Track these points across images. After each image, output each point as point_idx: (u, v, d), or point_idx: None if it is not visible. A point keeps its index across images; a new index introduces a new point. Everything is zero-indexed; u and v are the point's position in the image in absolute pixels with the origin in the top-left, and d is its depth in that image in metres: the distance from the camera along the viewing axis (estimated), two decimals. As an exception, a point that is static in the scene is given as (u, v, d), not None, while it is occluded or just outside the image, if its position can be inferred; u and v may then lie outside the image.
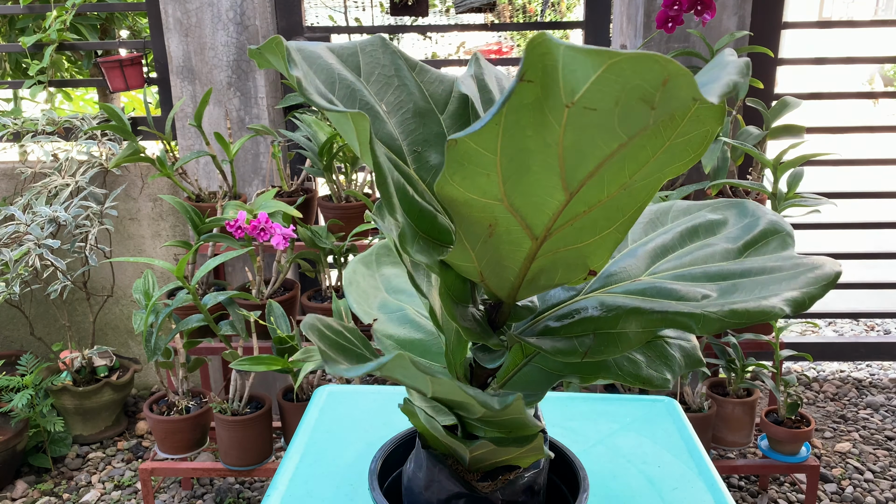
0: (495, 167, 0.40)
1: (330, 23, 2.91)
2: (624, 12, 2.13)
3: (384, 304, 0.63)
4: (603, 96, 0.35)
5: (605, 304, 0.52)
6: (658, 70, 0.33)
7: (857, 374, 2.53)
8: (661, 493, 0.78)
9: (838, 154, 1.84)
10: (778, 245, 0.55)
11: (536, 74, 0.35)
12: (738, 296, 0.49)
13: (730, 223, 0.58)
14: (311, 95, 0.42)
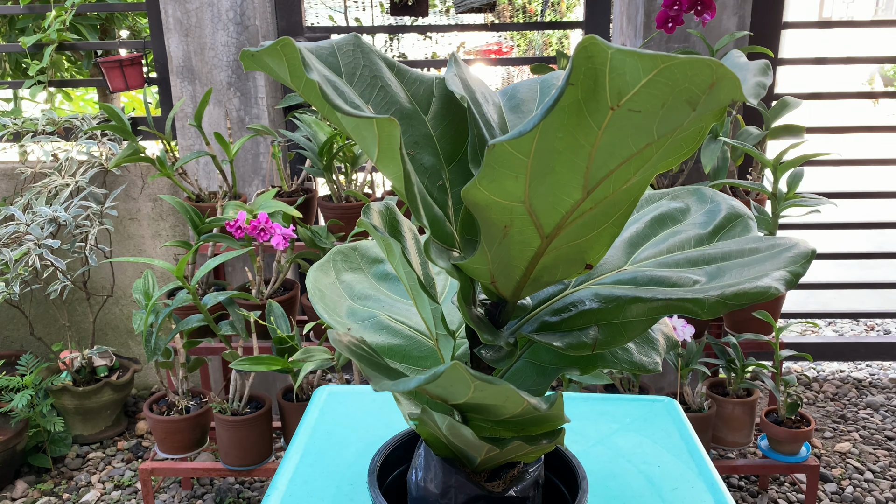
0: (525, 170, 0.41)
1: (330, 23, 2.91)
2: (624, 12, 2.13)
3: (352, 311, 0.62)
4: (650, 99, 0.36)
5: (602, 295, 0.52)
6: (708, 74, 0.34)
7: (857, 374, 2.53)
8: (661, 493, 0.78)
9: (838, 154, 1.84)
10: (742, 229, 0.58)
11: (579, 77, 0.35)
12: (728, 278, 0.50)
13: (693, 210, 0.60)
14: (334, 100, 0.41)
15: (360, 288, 0.64)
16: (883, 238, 3.69)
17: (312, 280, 0.62)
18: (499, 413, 0.51)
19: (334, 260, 0.65)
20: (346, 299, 0.63)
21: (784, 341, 1.81)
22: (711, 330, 1.95)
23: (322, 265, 0.64)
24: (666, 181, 1.94)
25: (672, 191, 0.63)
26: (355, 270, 0.66)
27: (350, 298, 0.63)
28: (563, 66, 1.84)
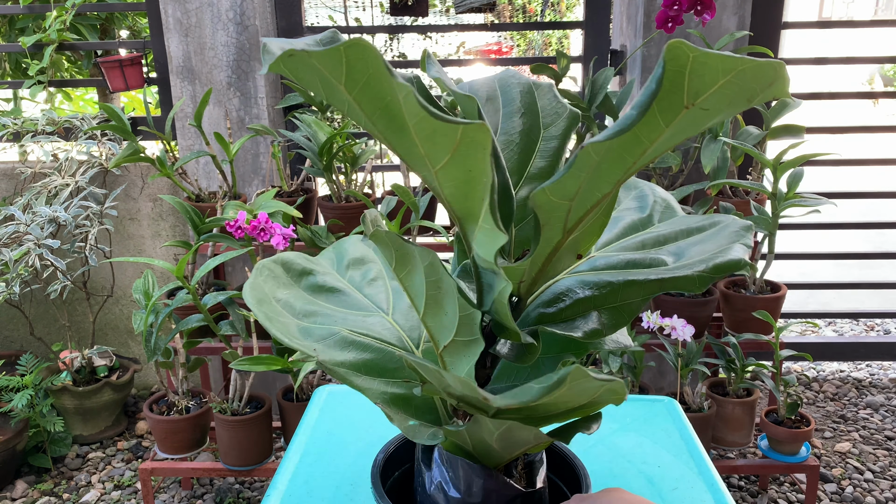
0: (590, 169, 0.42)
1: (330, 23, 2.91)
2: (624, 12, 2.13)
3: (306, 331, 0.59)
4: (721, 99, 0.37)
5: (592, 282, 0.54)
6: (772, 74, 0.36)
7: (856, 374, 2.53)
8: (661, 493, 0.78)
9: (838, 154, 1.84)
10: (670, 211, 0.62)
11: (666, 79, 0.37)
12: (695, 255, 0.53)
13: (621, 197, 0.64)
14: (428, 107, 0.40)
15: (301, 305, 0.60)
16: (883, 238, 3.69)
17: (255, 304, 0.57)
18: (559, 408, 0.52)
19: (263, 278, 0.60)
20: (292, 318, 0.59)
21: (784, 341, 1.81)
22: (711, 330, 1.95)
23: (253, 286, 0.59)
24: (666, 181, 1.94)
25: None
26: (286, 287, 0.61)
27: (295, 317, 0.59)
28: (563, 66, 1.84)
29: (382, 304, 0.64)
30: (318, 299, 0.62)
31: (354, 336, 0.60)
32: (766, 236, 1.72)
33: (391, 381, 0.59)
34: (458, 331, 0.53)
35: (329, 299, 0.63)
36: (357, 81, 0.40)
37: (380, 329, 0.62)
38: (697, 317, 1.73)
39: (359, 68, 0.39)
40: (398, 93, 0.39)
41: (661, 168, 1.91)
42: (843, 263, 3.30)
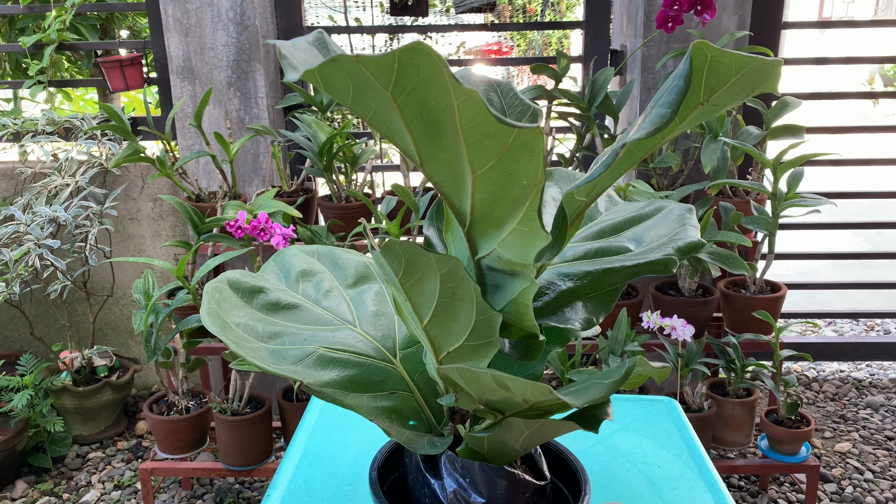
0: (613, 167, 0.44)
1: (330, 23, 2.91)
2: (624, 12, 2.13)
3: (279, 354, 0.56)
4: (729, 95, 0.39)
5: (571, 273, 0.56)
6: (772, 72, 0.38)
7: (857, 374, 2.53)
8: (661, 493, 0.78)
9: (838, 154, 1.84)
10: (612, 200, 0.65)
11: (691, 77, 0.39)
12: (654, 240, 0.56)
13: (563, 187, 0.66)
14: (494, 112, 0.40)
15: (262, 327, 0.58)
16: (883, 238, 3.70)
17: (218, 332, 0.54)
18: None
19: (215, 302, 0.56)
20: (258, 342, 0.56)
21: (784, 341, 1.81)
22: (711, 330, 1.95)
23: (209, 313, 0.55)
24: (666, 181, 1.94)
25: None
26: (240, 308, 0.58)
27: (261, 341, 0.56)
28: (563, 66, 1.84)
29: (346, 316, 0.63)
30: (277, 318, 0.59)
31: (332, 353, 0.58)
32: (766, 236, 1.72)
33: (378, 394, 0.58)
34: (471, 335, 0.52)
35: (289, 317, 0.60)
36: (405, 87, 0.39)
37: (353, 342, 0.60)
38: (697, 317, 1.73)
39: (410, 73, 0.38)
40: (455, 97, 0.39)
41: (661, 168, 1.91)
42: (843, 263, 3.30)
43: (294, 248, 0.68)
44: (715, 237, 1.61)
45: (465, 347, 0.54)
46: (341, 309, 0.63)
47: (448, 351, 0.55)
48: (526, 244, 0.48)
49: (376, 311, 0.64)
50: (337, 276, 0.66)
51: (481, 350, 0.54)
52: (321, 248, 0.68)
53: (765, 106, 1.88)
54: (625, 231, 0.59)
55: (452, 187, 0.47)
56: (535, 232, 0.46)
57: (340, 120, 2.71)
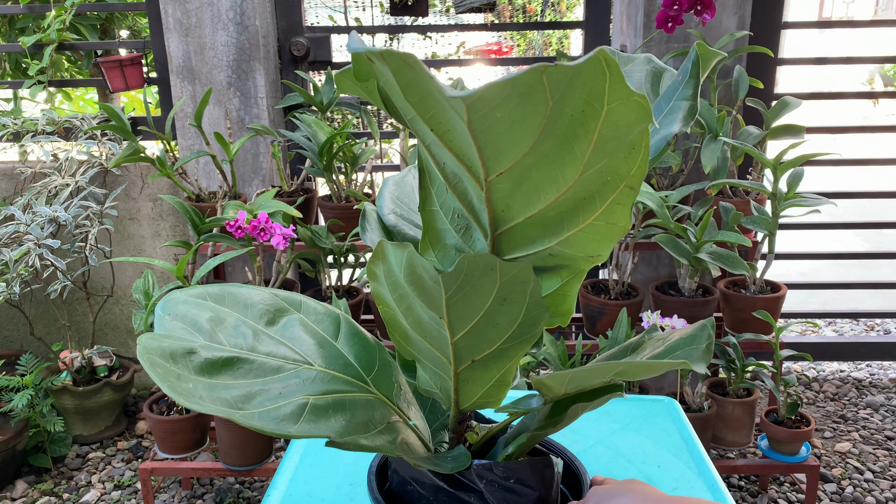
0: None
1: (330, 23, 2.91)
2: (624, 12, 2.13)
3: (270, 415, 0.52)
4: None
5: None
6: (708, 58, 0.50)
7: (857, 374, 2.53)
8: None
9: (838, 154, 1.84)
10: None
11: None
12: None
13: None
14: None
15: (228, 393, 0.52)
16: (883, 238, 3.70)
17: (196, 407, 0.50)
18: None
19: (164, 378, 0.50)
20: (237, 411, 0.51)
21: (784, 341, 1.81)
22: (711, 330, 1.95)
23: (172, 390, 0.50)
24: (666, 181, 1.94)
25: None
26: (187, 379, 0.52)
27: (239, 408, 0.51)
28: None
29: (294, 356, 0.57)
30: (227, 379, 0.53)
31: (321, 398, 0.54)
32: (766, 236, 1.72)
33: (384, 429, 0.56)
34: (511, 336, 0.51)
35: (237, 374, 0.54)
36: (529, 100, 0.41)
37: (327, 381, 0.56)
38: (697, 317, 1.73)
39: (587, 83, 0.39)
40: (607, 103, 0.41)
41: (661, 168, 1.91)
42: (843, 263, 3.29)
43: (180, 293, 0.58)
44: (715, 237, 1.61)
45: (498, 351, 0.52)
46: (282, 351, 0.57)
47: (474, 359, 0.53)
48: (600, 238, 0.48)
49: (317, 343, 0.59)
50: (249, 315, 0.59)
51: (518, 349, 0.53)
52: (210, 289, 0.60)
53: (765, 106, 1.88)
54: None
55: (515, 194, 0.46)
56: (616, 224, 0.46)
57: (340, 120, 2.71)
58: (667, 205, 1.68)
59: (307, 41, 2.15)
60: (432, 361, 0.56)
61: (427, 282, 0.47)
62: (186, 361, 0.52)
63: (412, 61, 0.38)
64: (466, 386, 0.56)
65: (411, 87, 0.40)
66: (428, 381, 0.60)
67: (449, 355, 0.53)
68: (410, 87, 0.40)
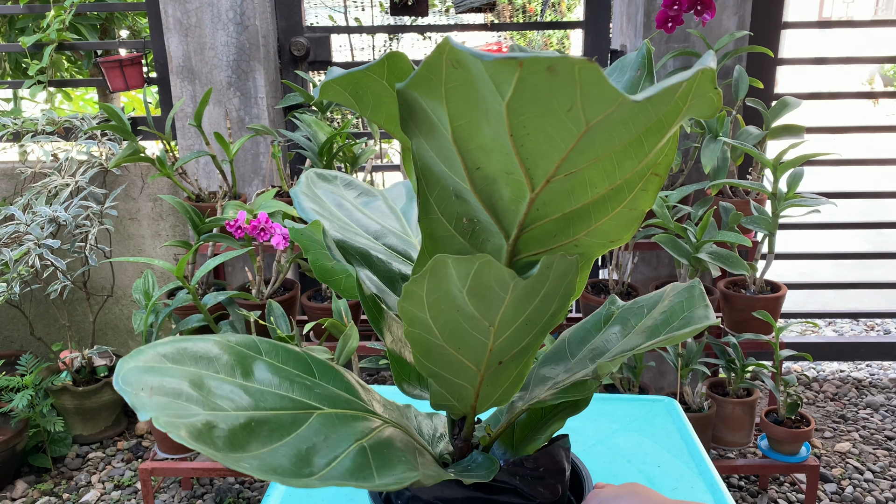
0: None
1: (330, 23, 2.91)
2: (624, 12, 2.13)
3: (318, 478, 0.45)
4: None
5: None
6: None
7: (857, 374, 2.53)
8: (661, 492, 0.78)
9: (838, 154, 1.84)
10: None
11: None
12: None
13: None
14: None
15: (279, 462, 0.46)
16: (883, 238, 3.69)
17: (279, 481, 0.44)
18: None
19: (226, 462, 0.44)
20: (302, 478, 0.45)
21: (784, 341, 1.81)
22: (711, 330, 1.95)
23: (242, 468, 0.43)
24: (666, 181, 1.94)
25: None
26: (234, 459, 0.45)
27: (301, 475, 0.45)
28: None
29: (302, 402, 0.52)
30: (271, 444, 0.47)
31: (370, 440, 0.50)
32: (766, 236, 1.72)
33: (415, 456, 0.53)
34: (540, 329, 0.50)
35: (272, 435, 0.48)
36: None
37: (359, 422, 0.52)
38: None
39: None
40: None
41: (661, 168, 1.90)
42: (843, 263, 3.30)
43: (130, 362, 0.48)
44: (715, 237, 1.61)
45: (522, 349, 0.52)
46: (282, 402, 0.51)
47: (501, 360, 0.53)
48: (624, 225, 0.48)
49: (304, 386, 0.53)
50: (221, 371, 0.51)
51: (537, 344, 0.52)
52: (163, 350, 0.49)
53: (765, 106, 1.88)
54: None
55: (559, 192, 0.45)
56: (639, 209, 0.46)
57: (340, 120, 2.70)
58: (667, 205, 1.67)
59: (307, 41, 2.15)
60: (456, 372, 0.53)
61: (494, 290, 0.45)
62: (213, 438, 0.45)
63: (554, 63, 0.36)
64: (487, 389, 0.55)
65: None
66: (443, 394, 0.57)
67: (480, 362, 0.52)
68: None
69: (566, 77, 0.35)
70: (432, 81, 0.39)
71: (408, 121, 0.43)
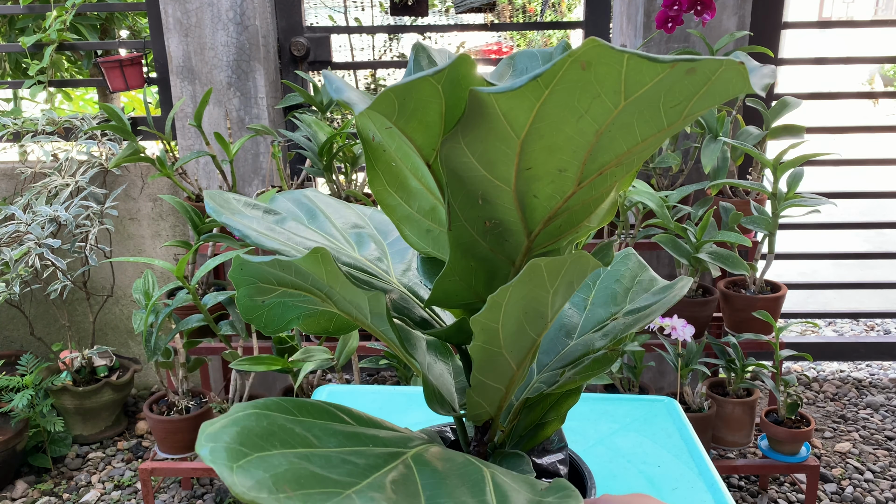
0: None
1: (330, 23, 2.91)
2: (624, 12, 2.13)
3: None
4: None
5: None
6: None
7: (857, 374, 2.53)
8: (661, 493, 0.78)
9: (838, 154, 1.84)
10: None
11: None
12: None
13: None
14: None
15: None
16: (883, 238, 3.70)
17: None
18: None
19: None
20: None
21: (784, 341, 1.81)
22: (711, 330, 1.95)
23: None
24: (666, 181, 1.94)
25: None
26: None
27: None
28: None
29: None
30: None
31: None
32: (766, 236, 1.72)
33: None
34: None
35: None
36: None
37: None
38: (697, 317, 1.73)
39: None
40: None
41: (661, 168, 1.91)
42: (843, 263, 3.30)
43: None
44: (715, 237, 1.61)
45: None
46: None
47: (534, 354, 0.54)
48: (611, 210, 0.48)
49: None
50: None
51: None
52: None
53: (765, 106, 1.88)
54: None
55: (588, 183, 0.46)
56: (620, 192, 0.47)
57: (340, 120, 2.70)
58: (667, 205, 1.68)
59: (307, 41, 2.15)
60: (498, 377, 0.53)
61: (573, 286, 0.46)
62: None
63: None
64: (514, 387, 0.55)
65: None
66: (480, 402, 0.55)
67: (522, 361, 0.52)
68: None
69: (704, 77, 0.35)
70: (539, 83, 0.37)
71: (465, 124, 0.42)
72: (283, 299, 0.56)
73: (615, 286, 0.61)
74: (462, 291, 0.52)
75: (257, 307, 0.57)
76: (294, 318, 0.58)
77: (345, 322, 0.61)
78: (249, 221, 0.56)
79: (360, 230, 0.65)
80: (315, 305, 0.57)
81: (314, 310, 0.58)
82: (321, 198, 0.66)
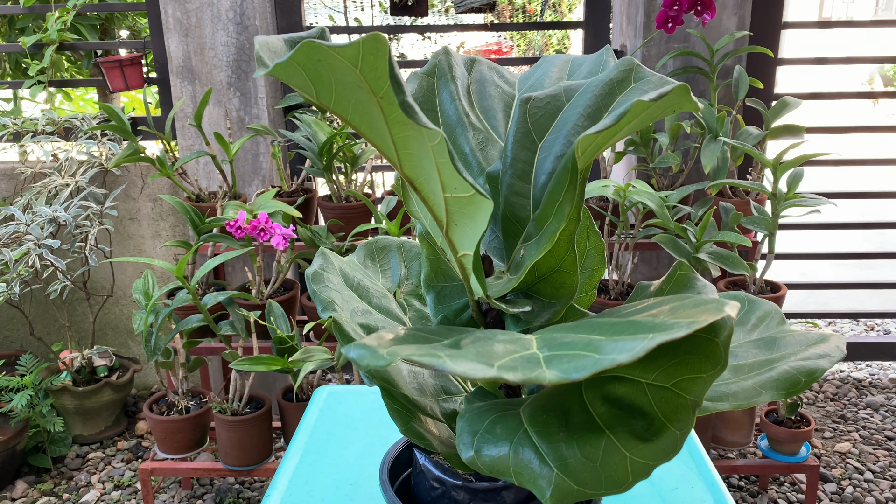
0: None
1: (329, 23, 2.91)
2: (624, 12, 2.13)
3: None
4: None
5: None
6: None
7: (857, 374, 2.53)
8: (661, 493, 0.78)
9: (838, 154, 1.84)
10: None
11: None
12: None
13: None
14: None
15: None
16: (883, 238, 3.69)
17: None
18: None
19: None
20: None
21: (784, 341, 1.81)
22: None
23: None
24: (666, 181, 1.94)
25: None
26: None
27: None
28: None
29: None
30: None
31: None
32: (766, 236, 1.72)
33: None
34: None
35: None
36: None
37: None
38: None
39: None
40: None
41: (661, 168, 1.91)
42: (843, 263, 3.30)
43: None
44: (715, 237, 1.61)
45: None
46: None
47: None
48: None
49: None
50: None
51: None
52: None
53: (765, 106, 1.88)
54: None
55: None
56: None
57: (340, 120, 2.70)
58: (667, 205, 1.68)
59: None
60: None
61: None
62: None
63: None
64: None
65: None
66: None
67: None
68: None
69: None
70: None
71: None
72: None
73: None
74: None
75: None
76: None
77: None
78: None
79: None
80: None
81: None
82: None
